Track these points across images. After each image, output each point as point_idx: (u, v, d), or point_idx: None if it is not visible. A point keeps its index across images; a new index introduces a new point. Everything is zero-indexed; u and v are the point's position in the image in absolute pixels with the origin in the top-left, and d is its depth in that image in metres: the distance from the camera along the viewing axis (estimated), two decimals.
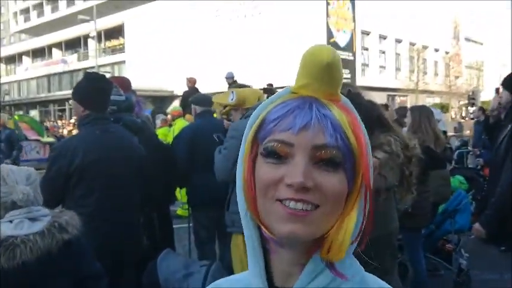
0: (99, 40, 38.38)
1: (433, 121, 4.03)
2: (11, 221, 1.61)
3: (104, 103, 2.87)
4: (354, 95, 1.73)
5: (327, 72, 0.66)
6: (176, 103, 31.95)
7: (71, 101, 2.90)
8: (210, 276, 2.55)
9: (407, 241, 3.84)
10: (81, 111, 2.80)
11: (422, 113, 4.05)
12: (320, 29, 26.71)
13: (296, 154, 0.65)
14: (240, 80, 8.43)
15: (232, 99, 3.11)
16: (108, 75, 3.71)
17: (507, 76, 3.38)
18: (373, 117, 2.18)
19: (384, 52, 32.15)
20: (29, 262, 1.53)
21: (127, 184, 2.85)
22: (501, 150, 3.14)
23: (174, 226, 4.28)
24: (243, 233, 2.39)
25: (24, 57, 49.67)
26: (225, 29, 29.45)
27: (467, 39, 40.44)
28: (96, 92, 2.81)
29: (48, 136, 17.15)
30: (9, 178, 1.68)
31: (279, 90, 0.76)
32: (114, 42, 40.86)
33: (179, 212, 7.15)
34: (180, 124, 8.10)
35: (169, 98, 32.16)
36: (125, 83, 3.53)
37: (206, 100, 4.03)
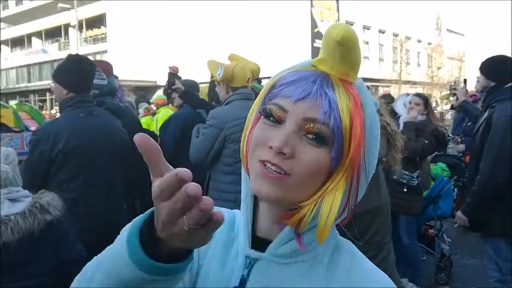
0: (80, 29, 37.72)
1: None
2: None
3: (88, 85, 2.79)
4: None
5: (339, 50, 0.66)
6: (160, 92, 31.78)
7: (52, 85, 2.78)
8: None
9: (406, 225, 3.92)
10: (64, 94, 2.71)
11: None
12: (304, 18, 26.70)
13: (287, 121, 0.68)
14: None
15: (219, 75, 2.98)
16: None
17: (484, 61, 3.40)
18: None
19: (367, 43, 32.31)
20: (11, 243, 1.50)
21: (111, 169, 2.79)
22: (477, 137, 3.18)
23: None
24: None
25: (2, 47, 48.56)
26: (208, 17, 29.23)
27: (449, 31, 40.84)
28: (80, 73, 2.73)
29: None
30: None
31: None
32: (96, 32, 40.19)
33: None
34: (164, 113, 8.01)
35: (152, 88, 31.86)
36: (106, 66, 3.46)
37: (195, 86, 3.96)
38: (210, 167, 2.98)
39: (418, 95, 4.37)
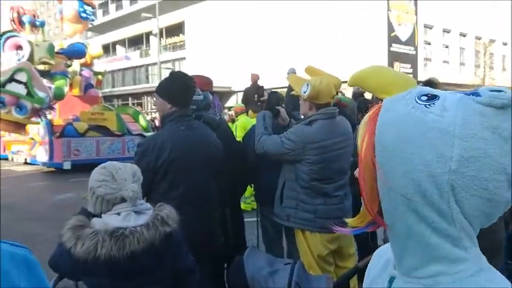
0: (161, 37, 39.54)
1: None
2: (118, 214, 1.74)
3: (189, 100, 2.97)
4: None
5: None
6: (234, 99, 32.52)
7: (155, 99, 3.00)
8: (295, 274, 2.58)
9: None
10: (167, 108, 2.91)
11: None
12: (381, 23, 26.10)
13: None
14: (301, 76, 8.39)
15: (305, 92, 2.99)
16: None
17: None
18: None
19: (447, 46, 30.93)
20: (136, 252, 1.65)
21: (207, 179, 2.95)
22: None
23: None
24: (300, 228, 2.45)
25: None
26: (284, 24, 29.44)
27: None
28: (183, 89, 2.91)
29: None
30: (118, 175, 1.79)
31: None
32: (175, 39, 41.94)
33: (242, 206, 7.26)
34: (244, 120, 8.23)
35: (227, 94, 32.65)
36: (206, 81, 3.64)
37: (281, 99, 4.03)
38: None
39: None
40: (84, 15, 17.25)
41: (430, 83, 1.70)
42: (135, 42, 46.25)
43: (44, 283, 0.81)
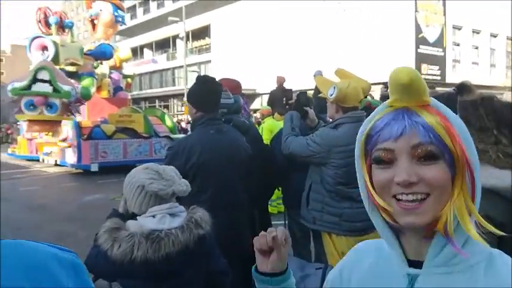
0: (187, 40, 39.98)
1: None
2: (153, 216, 1.77)
3: (215, 104, 3.00)
4: (486, 100, 1.67)
5: (408, 90, 0.79)
6: (258, 101, 32.60)
7: (186, 103, 3.08)
8: (327, 279, 2.56)
9: None
10: (194, 113, 2.99)
11: None
12: (408, 24, 25.73)
13: (398, 157, 0.80)
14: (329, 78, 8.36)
15: (331, 95, 2.97)
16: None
17: None
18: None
19: (477, 47, 30.27)
20: (171, 254, 1.68)
21: (237, 182, 2.97)
22: None
23: None
24: (327, 232, 2.44)
25: None
26: (310, 26, 29.35)
27: None
28: (206, 94, 2.95)
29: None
30: (164, 173, 1.85)
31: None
32: (200, 42, 42.35)
33: (269, 209, 7.26)
34: (270, 122, 8.23)
35: (251, 96, 32.71)
36: (235, 84, 3.67)
37: (310, 101, 4.02)
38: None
39: None
40: (119, 19, 17.68)
41: (462, 86, 1.66)
42: (162, 45, 46.88)
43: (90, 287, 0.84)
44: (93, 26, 18.09)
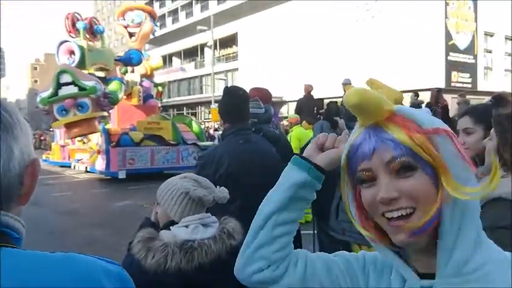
0: (215, 49, 40.40)
1: None
2: (186, 226, 1.79)
3: (242, 115, 3.01)
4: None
5: (362, 110, 0.82)
6: (285, 109, 32.59)
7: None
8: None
9: None
10: (222, 124, 3.04)
11: None
12: (438, 31, 25.33)
13: (377, 175, 0.81)
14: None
15: None
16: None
17: None
18: None
19: (509, 54, 29.54)
20: (204, 264, 1.69)
21: (266, 191, 2.96)
22: None
23: None
24: (357, 243, 2.40)
25: None
26: (337, 34, 29.25)
27: None
28: (232, 106, 2.97)
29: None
30: (203, 182, 1.90)
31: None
32: (228, 51, 42.76)
33: None
34: (298, 131, 8.23)
35: (278, 104, 32.72)
36: (265, 94, 3.69)
37: (340, 110, 4.02)
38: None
39: None
40: (155, 29, 18.16)
41: (500, 98, 1.57)
42: (191, 54, 47.51)
43: None
44: (130, 34, 18.40)
